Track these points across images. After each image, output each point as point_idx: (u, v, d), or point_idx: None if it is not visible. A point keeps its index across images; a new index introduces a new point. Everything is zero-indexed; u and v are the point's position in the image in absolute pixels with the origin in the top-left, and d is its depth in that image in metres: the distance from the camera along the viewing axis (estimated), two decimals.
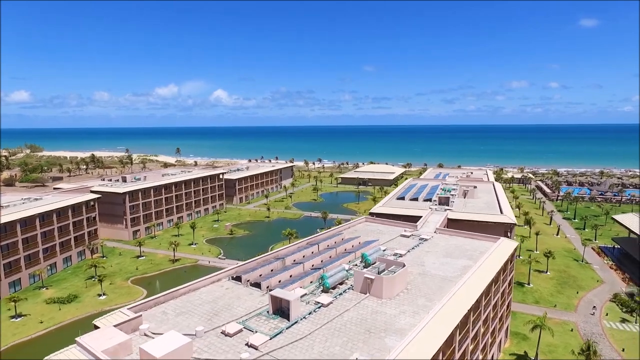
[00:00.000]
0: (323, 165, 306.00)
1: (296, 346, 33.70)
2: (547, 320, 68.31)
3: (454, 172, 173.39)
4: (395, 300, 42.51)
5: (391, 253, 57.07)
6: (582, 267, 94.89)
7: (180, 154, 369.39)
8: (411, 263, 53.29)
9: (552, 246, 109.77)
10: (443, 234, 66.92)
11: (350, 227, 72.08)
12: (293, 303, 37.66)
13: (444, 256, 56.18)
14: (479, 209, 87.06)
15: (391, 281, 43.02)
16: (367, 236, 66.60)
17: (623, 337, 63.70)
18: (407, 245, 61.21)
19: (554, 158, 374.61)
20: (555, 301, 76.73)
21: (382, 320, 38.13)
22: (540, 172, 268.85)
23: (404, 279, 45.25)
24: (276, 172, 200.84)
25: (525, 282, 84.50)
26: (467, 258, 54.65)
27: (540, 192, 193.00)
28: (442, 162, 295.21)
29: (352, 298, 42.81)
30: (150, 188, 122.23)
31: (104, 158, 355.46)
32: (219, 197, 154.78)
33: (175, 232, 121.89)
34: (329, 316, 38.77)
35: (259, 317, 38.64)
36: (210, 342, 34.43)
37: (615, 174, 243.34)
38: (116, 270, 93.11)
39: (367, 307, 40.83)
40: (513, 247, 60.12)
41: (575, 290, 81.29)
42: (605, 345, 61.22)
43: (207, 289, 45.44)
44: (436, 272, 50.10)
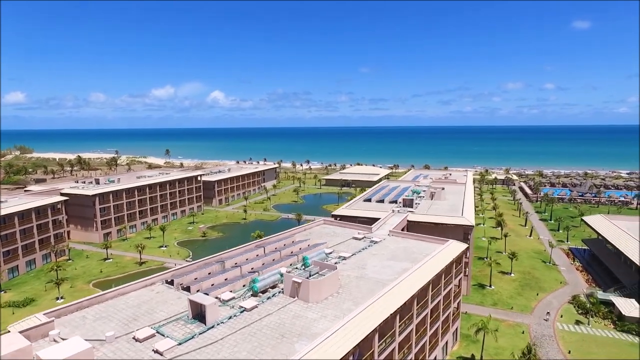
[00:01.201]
0: (310, 167, 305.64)
1: (203, 352, 33.42)
2: (501, 323, 68.95)
3: (434, 173, 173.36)
4: (322, 304, 42.29)
5: (336, 256, 56.95)
6: (548, 269, 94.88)
7: (169, 155, 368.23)
8: (353, 266, 53.19)
9: (522, 247, 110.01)
10: (395, 237, 66.81)
11: (306, 230, 71.90)
12: (209, 308, 37.40)
13: (388, 259, 56.04)
14: (442, 210, 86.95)
15: (318, 285, 42.81)
16: (321, 239, 66.44)
17: (573, 339, 63.63)
18: (356, 247, 61.05)
19: (546, 159, 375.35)
20: (513, 303, 76.61)
21: (300, 324, 37.90)
22: (526, 173, 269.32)
23: (334, 283, 45.03)
24: (259, 174, 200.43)
25: (487, 284, 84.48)
26: (410, 261, 54.51)
27: (522, 194, 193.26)
28: (433, 163, 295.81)
29: (279, 302, 42.58)
30: (122, 190, 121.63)
31: (92, 160, 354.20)
32: (197, 199, 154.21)
33: (147, 235, 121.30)
34: (248, 321, 38.52)
35: (177, 322, 38.34)
36: (118, 347, 34.10)
37: (599, 175, 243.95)
38: (80, 273, 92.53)
39: (290, 311, 40.60)
40: (461, 250, 60.02)
41: (536, 292, 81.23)
42: (553, 348, 61.12)
43: (136, 293, 45.09)
44: (374, 275, 49.93)
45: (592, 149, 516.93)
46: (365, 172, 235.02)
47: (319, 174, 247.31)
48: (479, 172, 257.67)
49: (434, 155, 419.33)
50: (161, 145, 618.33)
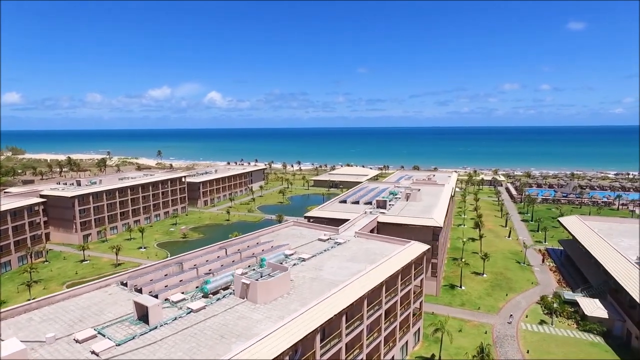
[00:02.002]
0: (300, 167, 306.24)
1: (139, 352, 33.92)
2: (466, 323, 69.73)
3: (419, 174, 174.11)
4: (271, 305, 42.86)
5: (296, 257, 57.49)
6: (522, 270, 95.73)
7: (161, 156, 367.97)
8: (310, 267, 53.81)
9: (499, 248, 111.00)
10: (361, 238, 67.46)
11: (274, 231, 72.49)
12: (151, 309, 37.92)
13: (347, 260, 56.68)
14: (414, 212, 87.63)
15: (266, 286, 43.39)
16: (287, 240, 67.01)
17: (534, 339, 64.41)
18: (319, 249, 61.64)
19: (539, 159, 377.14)
20: (481, 303, 77.38)
21: (243, 325, 38.47)
22: (515, 174, 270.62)
23: (284, 284, 45.59)
24: (246, 175, 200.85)
25: (458, 284, 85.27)
26: (369, 262, 55.09)
27: (508, 194, 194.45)
28: (424, 164, 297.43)
29: (228, 303, 43.13)
30: (103, 192, 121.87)
31: (84, 160, 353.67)
32: (181, 200, 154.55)
33: (128, 236, 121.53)
34: (192, 322, 39.04)
35: (122, 323, 38.82)
36: (57, 349, 34.55)
37: (586, 176, 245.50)
38: (55, 274, 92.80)
39: (236, 312, 41.17)
40: (421, 251, 60.73)
41: (505, 293, 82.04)
42: (513, 347, 61.89)
43: (89, 295, 45.54)
44: (329, 276, 50.54)
45: (586, 149, 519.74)
46: (354, 173, 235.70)
47: (309, 175, 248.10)
48: (467, 173, 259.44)
49: (427, 156, 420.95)
50: (156, 146, 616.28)
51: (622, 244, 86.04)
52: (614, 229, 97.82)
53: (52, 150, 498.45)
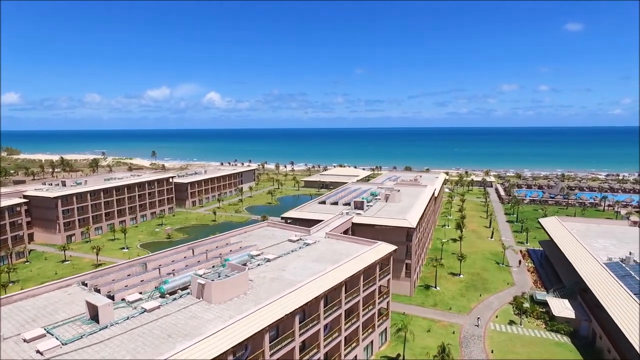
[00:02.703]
0: (293, 168, 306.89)
1: (83, 352, 34.47)
2: (436, 323, 70.33)
3: (407, 175, 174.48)
4: (225, 305, 43.42)
5: (262, 258, 58.03)
6: (499, 270, 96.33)
7: (155, 156, 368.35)
8: (273, 268, 54.39)
9: (480, 249, 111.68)
10: (330, 239, 68.05)
11: (247, 232, 73.09)
12: (101, 309, 38.51)
13: (312, 261, 57.24)
14: (390, 213, 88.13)
15: (221, 286, 43.96)
16: (258, 240, 67.61)
17: (501, 339, 65.03)
18: (286, 249, 62.20)
19: (533, 160, 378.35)
20: (454, 304, 77.97)
21: (193, 324, 39.04)
22: (506, 175, 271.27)
23: (241, 284, 46.15)
24: (236, 176, 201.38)
25: (433, 284, 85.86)
26: (333, 262, 55.69)
27: (497, 195, 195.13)
28: (418, 165, 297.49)
29: (184, 303, 43.70)
30: (87, 192, 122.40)
31: (78, 161, 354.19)
32: (168, 200, 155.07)
33: (112, 237, 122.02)
34: (143, 321, 39.61)
35: (74, 323, 39.37)
36: (3, 349, 35.09)
37: (577, 177, 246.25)
38: (34, 274, 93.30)
39: (190, 312, 41.73)
40: (387, 251, 61.36)
41: (479, 293, 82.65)
42: (479, 347, 62.49)
43: (48, 295, 46.08)
44: (290, 276, 51.11)
45: (583, 150, 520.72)
46: (345, 174, 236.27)
47: (301, 176, 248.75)
48: (458, 174, 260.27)
49: (422, 157, 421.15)
50: (154, 146, 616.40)
51: (595, 244, 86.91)
52: (591, 230, 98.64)
53: (47, 151, 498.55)
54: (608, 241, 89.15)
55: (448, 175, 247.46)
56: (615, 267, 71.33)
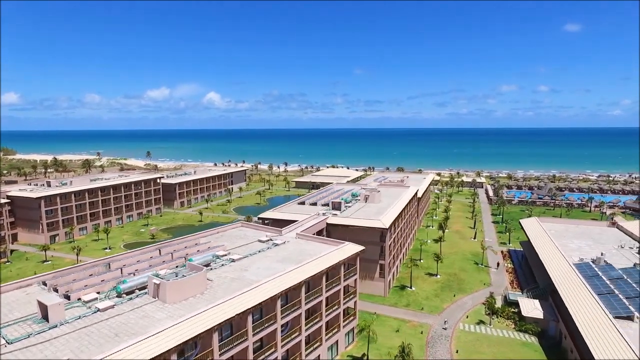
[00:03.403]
0: (285, 169, 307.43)
1: (28, 351, 34.87)
2: (406, 323, 70.72)
3: (395, 176, 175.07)
4: (180, 304, 43.83)
5: (228, 258, 58.45)
6: (478, 271, 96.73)
7: (150, 157, 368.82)
8: (237, 268, 54.81)
9: (461, 249, 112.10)
10: (300, 239, 68.48)
11: (219, 232, 73.59)
12: (50, 308, 38.97)
13: (277, 261, 57.65)
14: (367, 213, 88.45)
15: (175, 286, 44.39)
16: (230, 240, 68.13)
17: (468, 339, 65.43)
18: (254, 249, 62.62)
19: (528, 161, 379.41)
20: (427, 304, 78.38)
21: (141, 324, 39.46)
22: (500, 175, 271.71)
23: (198, 284, 46.54)
24: (226, 176, 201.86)
25: (409, 285, 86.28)
26: (297, 263, 56.09)
27: (486, 196, 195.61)
28: (411, 166, 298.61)
29: (139, 302, 44.14)
30: (71, 193, 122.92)
31: (73, 161, 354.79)
32: (156, 201, 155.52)
33: (96, 237, 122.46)
34: (94, 320, 40.04)
35: (25, 322, 39.78)
36: None
37: (568, 178, 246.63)
38: (14, 275, 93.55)
39: (142, 311, 42.16)
40: (353, 252, 61.79)
41: (453, 294, 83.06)
42: (444, 347, 62.88)
43: (5, 295, 46.40)
44: (251, 277, 51.48)
45: (579, 151, 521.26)
46: (336, 175, 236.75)
47: (294, 176, 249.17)
48: (450, 174, 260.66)
49: (417, 158, 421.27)
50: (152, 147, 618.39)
51: (571, 245, 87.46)
52: (569, 231, 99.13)
53: (44, 151, 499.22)
54: (584, 242, 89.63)
55: (440, 176, 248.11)
56: (584, 267, 71.78)
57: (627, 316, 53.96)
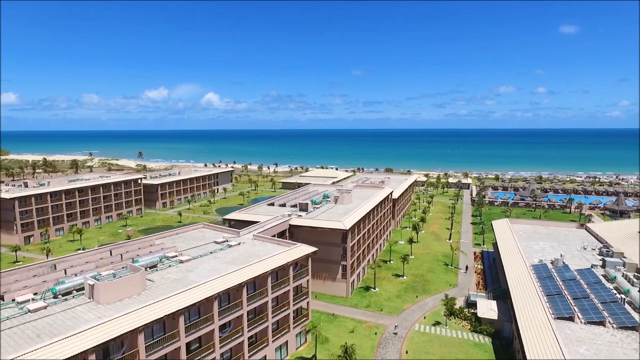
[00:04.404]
0: (275, 170, 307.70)
1: None
2: (362, 324, 71.04)
3: (377, 177, 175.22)
4: (113, 305, 44.18)
5: (177, 259, 58.76)
6: (446, 272, 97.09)
7: (142, 157, 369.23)
8: (182, 269, 55.16)
9: (433, 251, 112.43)
10: (256, 240, 68.85)
11: (178, 234, 73.87)
12: None
13: (225, 262, 57.99)
14: (333, 215, 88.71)
15: (110, 287, 44.76)
16: (187, 241, 68.50)
17: (421, 340, 65.79)
18: (205, 251, 63.02)
19: (521, 162, 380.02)
20: (388, 305, 78.73)
21: (68, 325, 39.76)
22: (488, 176, 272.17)
23: (135, 285, 46.86)
24: (210, 177, 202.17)
25: (373, 286, 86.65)
26: (243, 264, 56.45)
27: (470, 197, 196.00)
28: (404, 167, 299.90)
29: (73, 304, 44.47)
30: (47, 193, 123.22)
31: (64, 162, 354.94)
32: (136, 202, 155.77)
33: (72, 238, 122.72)
34: (22, 321, 40.38)
35: None
36: None
37: (555, 179, 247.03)
38: None
39: (73, 312, 42.49)
40: (304, 253, 62.15)
41: (416, 295, 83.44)
42: (395, 348, 63.23)
43: None
44: (195, 278, 51.82)
45: (573, 152, 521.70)
46: (323, 176, 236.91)
47: (283, 177, 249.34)
48: (438, 175, 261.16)
49: (410, 158, 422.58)
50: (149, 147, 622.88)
51: (535, 246, 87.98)
52: (538, 232, 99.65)
53: (37, 151, 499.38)
54: (549, 243, 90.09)
55: (427, 177, 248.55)
56: (540, 269, 72.26)
57: (568, 317, 54.40)
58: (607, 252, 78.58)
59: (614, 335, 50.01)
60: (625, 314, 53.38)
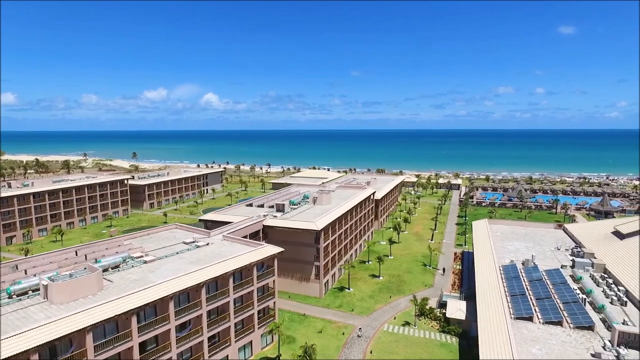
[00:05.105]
0: (267, 171, 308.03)
1: None
2: (331, 324, 71.33)
3: (365, 177, 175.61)
4: (66, 305, 44.44)
5: (141, 260, 59.04)
6: (423, 273, 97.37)
7: (136, 158, 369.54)
8: (145, 270, 55.39)
9: (413, 251, 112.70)
10: (225, 241, 69.16)
11: (149, 234, 74.16)
12: None
13: (189, 263, 58.24)
14: (309, 215, 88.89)
15: (62, 287, 45.03)
16: (157, 242, 68.83)
17: (387, 340, 66.09)
18: (172, 251, 63.30)
19: (512, 163, 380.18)
20: (360, 305, 79.02)
21: (16, 325, 39.93)
22: (479, 177, 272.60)
23: (90, 285, 47.10)
24: (199, 178, 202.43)
25: (348, 286, 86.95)
26: (206, 264, 56.71)
27: (458, 198, 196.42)
28: (397, 168, 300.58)
29: (26, 304, 44.76)
30: (30, 194, 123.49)
31: (58, 162, 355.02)
32: (122, 202, 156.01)
33: (54, 238, 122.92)
34: None
35: None
36: None
37: (546, 179, 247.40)
38: None
39: (25, 312, 42.76)
40: (269, 253, 62.48)
41: (389, 295, 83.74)
42: (360, 348, 63.50)
43: None
44: (155, 278, 52.00)
45: (568, 153, 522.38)
46: (314, 176, 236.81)
47: (275, 177, 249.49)
48: (429, 176, 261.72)
49: (404, 159, 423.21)
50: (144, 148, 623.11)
51: (509, 247, 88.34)
52: (515, 233, 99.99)
53: (33, 152, 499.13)
54: (524, 243, 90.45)
55: (418, 177, 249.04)
56: (510, 269, 72.60)
57: (528, 317, 54.74)
58: (578, 252, 78.92)
59: (570, 335, 50.35)
60: (584, 314, 53.70)
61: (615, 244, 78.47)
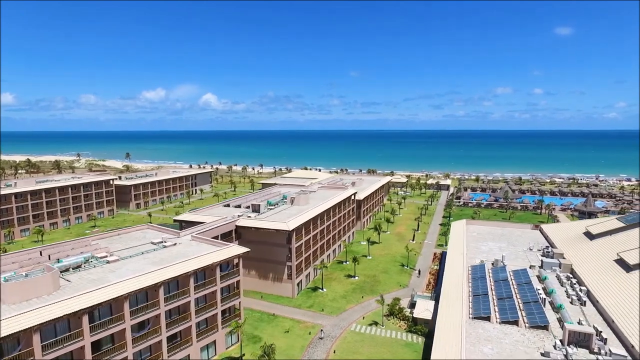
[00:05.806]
0: (259, 171, 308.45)
1: None
2: (299, 324, 71.70)
3: (351, 178, 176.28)
4: (18, 305, 44.69)
5: (104, 259, 59.35)
6: (400, 273, 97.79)
7: (129, 158, 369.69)
8: (106, 270, 55.66)
9: (392, 252, 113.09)
10: (194, 241, 69.52)
11: (120, 234, 74.51)
12: None
13: (152, 263, 58.54)
14: (282, 216, 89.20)
15: (14, 287, 45.35)
16: (126, 242, 69.16)
17: (352, 340, 66.46)
18: (138, 251, 63.63)
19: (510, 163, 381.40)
20: (331, 305, 79.39)
21: None
22: (471, 177, 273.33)
23: (45, 285, 47.34)
24: (188, 178, 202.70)
25: (321, 287, 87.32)
26: (169, 263, 57.08)
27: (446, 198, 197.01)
28: (391, 168, 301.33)
29: None
30: (11, 194, 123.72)
31: (50, 162, 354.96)
32: (108, 203, 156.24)
33: (36, 239, 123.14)
34: None
35: None
36: None
37: (535, 180, 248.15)
38: None
39: None
40: (234, 253, 62.89)
41: (362, 295, 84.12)
42: (324, 348, 63.86)
43: None
44: (114, 278, 52.21)
45: (564, 154, 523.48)
46: (303, 177, 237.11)
47: (265, 178, 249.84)
48: (419, 176, 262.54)
49: (399, 160, 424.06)
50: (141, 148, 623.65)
51: (483, 247, 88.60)
52: (492, 233, 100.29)
53: (28, 152, 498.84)
54: (498, 244, 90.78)
55: (409, 177, 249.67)
56: (477, 269, 72.96)
57: (486, 317, 55.09)
58: (548, 252, 79.37)
59: (524, 335, 50.74)
60: (540, 314, 54.08)
61: (585, 245, 78.95)
